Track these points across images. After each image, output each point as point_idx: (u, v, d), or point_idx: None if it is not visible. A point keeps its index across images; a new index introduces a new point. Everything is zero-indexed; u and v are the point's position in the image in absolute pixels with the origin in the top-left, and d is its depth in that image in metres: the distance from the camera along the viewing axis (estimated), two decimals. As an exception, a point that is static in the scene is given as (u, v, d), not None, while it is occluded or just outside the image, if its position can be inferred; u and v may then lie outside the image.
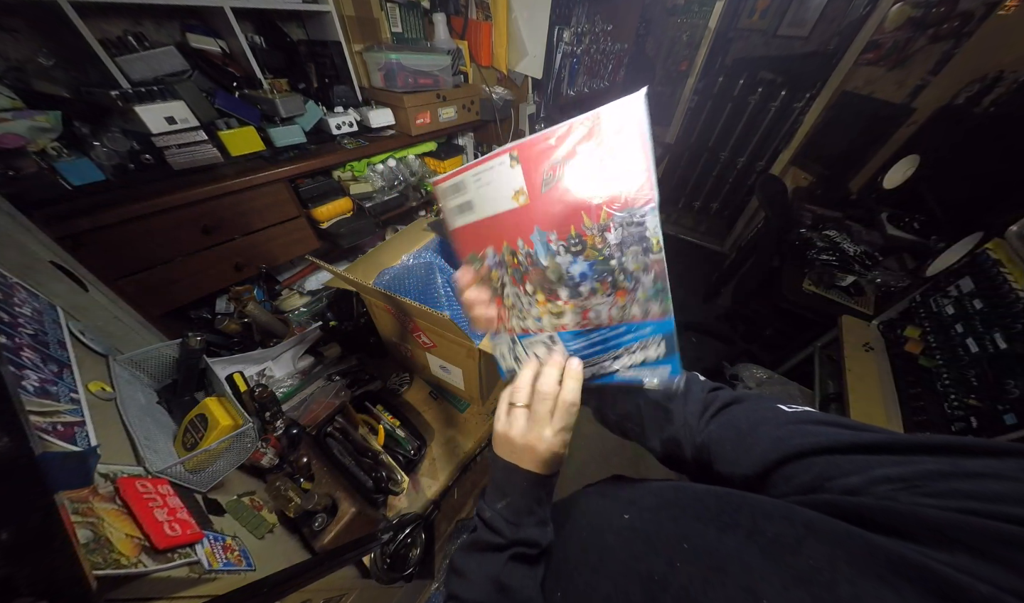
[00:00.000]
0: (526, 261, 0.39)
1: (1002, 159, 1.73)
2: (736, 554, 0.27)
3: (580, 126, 0.32)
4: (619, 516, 0.37)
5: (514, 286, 0.41)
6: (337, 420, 1.04)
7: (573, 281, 0.37)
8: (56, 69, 0.79)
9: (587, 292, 0.37)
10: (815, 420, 0.34)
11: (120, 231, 0.78)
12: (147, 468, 0.62)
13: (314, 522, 0.82)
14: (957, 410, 1.18)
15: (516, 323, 0.43)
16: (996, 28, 1.85)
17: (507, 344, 0.46)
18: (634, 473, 0.51)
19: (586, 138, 0.32)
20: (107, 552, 0.45)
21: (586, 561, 0.36)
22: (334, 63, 1.18)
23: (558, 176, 0.34)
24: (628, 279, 0.35)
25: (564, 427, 0.40)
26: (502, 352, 0.47)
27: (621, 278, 0.36)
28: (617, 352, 0.39)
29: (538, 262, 0.38)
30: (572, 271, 0.37)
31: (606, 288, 0.37)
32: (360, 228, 1.25)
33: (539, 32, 1.61)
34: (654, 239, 0.33)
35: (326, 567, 0.64)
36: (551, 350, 0.42)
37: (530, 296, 0.40)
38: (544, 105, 2.10)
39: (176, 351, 0.87)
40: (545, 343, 0.42)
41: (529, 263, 0.39)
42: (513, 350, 0.45)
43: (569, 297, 0.38)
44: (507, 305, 0.43)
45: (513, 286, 0.41)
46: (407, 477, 1.00)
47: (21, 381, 0.51)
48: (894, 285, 1.86)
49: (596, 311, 0.38)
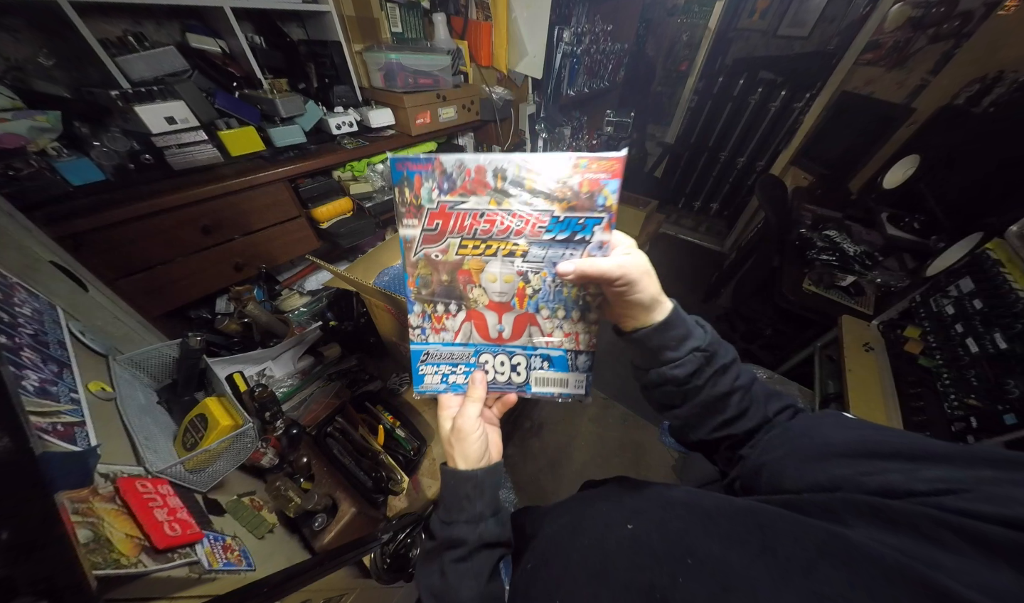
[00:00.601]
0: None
1: (1002, 159, 1.72)
2: (743, 572, 0.26)
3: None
4: (623, 525, 0.36)
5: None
6: (337, 420, 1.04)
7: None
8: (56, 69, 0.79)
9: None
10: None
11: (120, 231, 0.78)
12: (147, 468, 0.62)
13: (314, 522, 0.82)
14: (957, 410, 1.18)
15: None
16: (996, 28, 1.85)
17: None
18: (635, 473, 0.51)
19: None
20: (107, 552, 0.45)
21: (586, 568, 0.35)
22: (334, 63, 1.18)
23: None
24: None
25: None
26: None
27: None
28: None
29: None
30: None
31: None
32: (360, 228, 1.25)
33: (539, 32, 1.61)
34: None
35: (326, 567, 0.64)
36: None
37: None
38: (544, 105, 2.10)
39: (176, 351, 0.87)
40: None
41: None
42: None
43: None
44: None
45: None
46: (407, 477, 1.00)
47: (21, 381, 0.51)
48: (894, 285, 1.86)
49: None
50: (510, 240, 0.38)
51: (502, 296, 0.42)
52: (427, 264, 0.41)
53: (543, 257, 0.38)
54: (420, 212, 0.38)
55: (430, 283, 0.42)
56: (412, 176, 0.37)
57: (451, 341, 0.45)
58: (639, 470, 2.00)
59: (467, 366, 0.46)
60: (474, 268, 0.40)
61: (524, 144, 2.03)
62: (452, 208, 0.38)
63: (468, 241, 0.39)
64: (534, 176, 0.35)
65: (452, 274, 0.41)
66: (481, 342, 0.44)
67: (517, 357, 0.45)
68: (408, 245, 0.40)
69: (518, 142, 1.99)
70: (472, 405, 0.44)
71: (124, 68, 0.83)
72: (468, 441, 0.43)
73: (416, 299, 0.43)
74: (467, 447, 0.43)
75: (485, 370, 0.45)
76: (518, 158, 0.35)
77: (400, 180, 0.37)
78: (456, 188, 0.37)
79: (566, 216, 0.36)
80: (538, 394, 0.46)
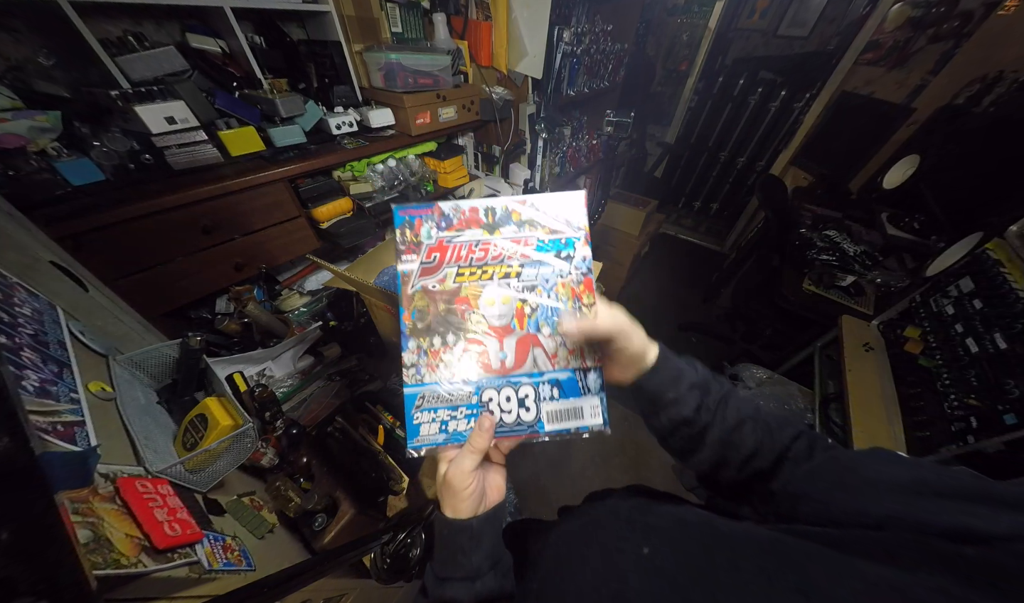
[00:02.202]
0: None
1: (1002, 159, 1.73)
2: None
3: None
4: (638, 548, 0.34)
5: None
6: (337, 420, 1.04)
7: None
8: (56, 69, 0.79)
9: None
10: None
11: (120, 231, 0.78)
12: (147, 468, 0.62)
13: (314, 522, 0.82)
14: (957, 410, 1.18)
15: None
16: (996, 28, 1.85)
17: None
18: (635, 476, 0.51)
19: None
20: (107, 552, 0.45)
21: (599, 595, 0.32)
22: (334, 63, 1.18)
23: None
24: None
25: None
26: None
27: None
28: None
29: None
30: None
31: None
32: (360, 228, 1.25)
33: (539, 32, 1.61)
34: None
35: (326, 567, 0.64)
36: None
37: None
38: (544, 105, 2.10)
39: (176, 351, 0.87)
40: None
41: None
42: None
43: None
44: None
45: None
46: (407, 477, 1.00)
47: (21, 381, 0.51)
48: (894, 285, 1.86)
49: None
50: (504, 264, 0.42)
51: (501, 319, 0.42)
52: (424, 296, 0.42)
53: (536, 275, 0.42)
54: (419, 248, 0.42)
55: (426, 315, 0.42)
56: (413, 220, 0.42)
57: (450, 379, 0.41)
58: (639, 470, 2.00)
59: (469, 408, 0.41)
60: (472, 294, 0.42)
61: (524, 144, 2.03)
62: (449, 241, 0.42)
63: (465, 268, 0.42)
64: (520, 209, 0.42)
65: (450, 302, 0.42)
66: (483, 376, 0.41)
67: (524, 388, 0.42)
68: (405, 279, 0.42)
69: (518, 142, 1.99)
70: (469, 458, 0.38)
71: (124, 68, 0.83)
72: (459, 498, 0.39)
73: (411, 334, 0.41)
74: (457, 502, 0.39)
75: (490, 409, 0.41)
76: (504, 200, 0.42)
77: (402, 224, 0.42)
78: (453, 225, 0.42)
79: (550, 238, 0.42)
80: (553, 433, 0.42)
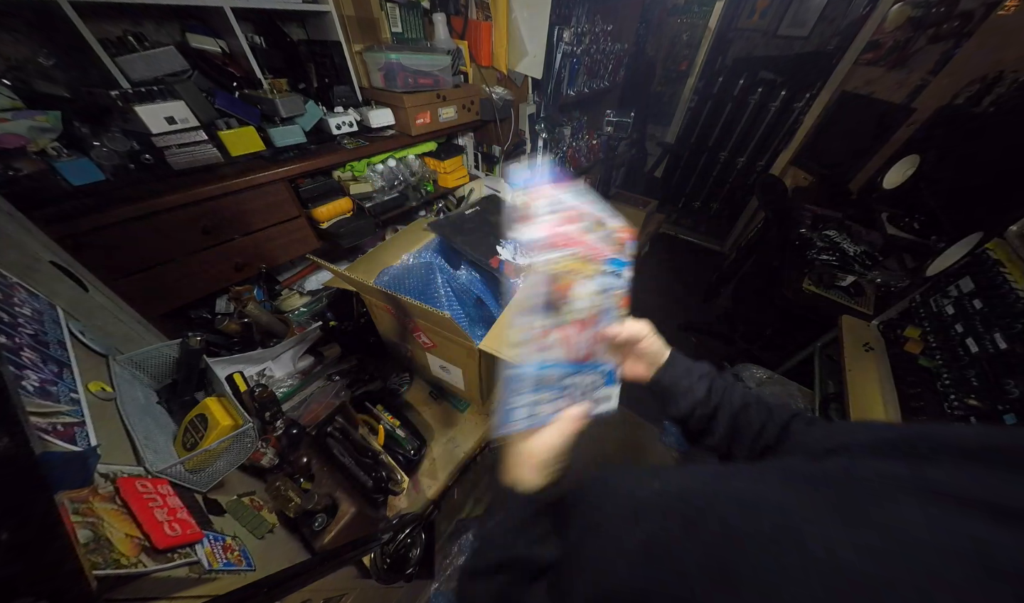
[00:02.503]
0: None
1: (1002, 159, 1.72)
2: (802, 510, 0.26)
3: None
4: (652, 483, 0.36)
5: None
6: (337, 420, 1.04)
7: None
8: (56, 69, 0.79)
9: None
10: None
11: (120, 231, 0.78)
12: (147, 468, 0.62)
13: (314, 522, 0.82)
14: (957, 410, 1.18)
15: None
16: (996, 28, 1.85)
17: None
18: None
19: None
20: (107, 552, 0.45)
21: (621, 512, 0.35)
22: (334, 63, 1.18)
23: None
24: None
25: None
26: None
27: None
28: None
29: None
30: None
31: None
32: (360, 228, 1.25)
33: (539, 32, 1.61)
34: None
35: (326, 567, 0.65)
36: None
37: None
38: (544, 105, 2.10)
39: (176, 351, 0.87)
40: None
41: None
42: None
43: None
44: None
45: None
46: (407, 477, 1.00)
47: (21, 381, 0.51)
48: (894, 285, 1.86)
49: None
50: (592, 263, 0.44)
51: (583, 313, 0.45)
52: (536, 271, 0.41)
53: (606, 282, 0.47)
54: (539, 222, 0.41)
55: (537, 294, 0.41)
56: (536, 192, 0.43)
57: (551, 361, 0.42)
58: (639, 470, 2.00)
59: (551, 392, 0.43)
60: (568, 285, 0.43)
61: (524, 144, 2.03)
62: (560, 226, 0.42)
63: (567, 258, 0.42)
64: (606, 223, 0.46)
65: (551, 287, 0.41)
66: (566, 364, 0.44)
67: (592, 376, 0.49)
68: (527, 248, 0.42)
69: (518, 142, 1.99)
70: (562, 438, 0.43)
71: (124, 68, 0.84)
72: (545, 472, 0.41)
73: (525, 310, 0.41)
74: (541, 477, 0.41)
75: (571, 393, 0.46)
76: (597, 212, 0.46)
77: (529, 192, 0.42)
78: (562, 212, 0.43)
79: (615, 255, 0.47)
80: (595, 414, 0.49)
